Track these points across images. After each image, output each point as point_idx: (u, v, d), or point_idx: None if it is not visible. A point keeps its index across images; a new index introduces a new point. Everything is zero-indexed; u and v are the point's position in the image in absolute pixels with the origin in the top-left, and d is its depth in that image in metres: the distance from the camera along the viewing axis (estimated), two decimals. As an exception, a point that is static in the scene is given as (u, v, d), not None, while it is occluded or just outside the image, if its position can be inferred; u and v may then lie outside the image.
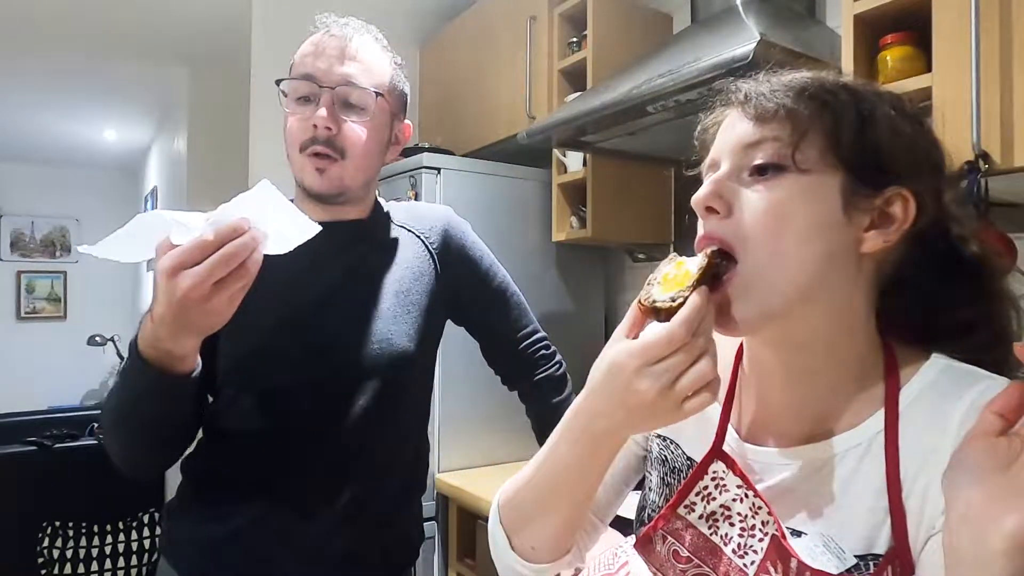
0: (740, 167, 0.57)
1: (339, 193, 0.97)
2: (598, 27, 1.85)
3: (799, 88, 0.57)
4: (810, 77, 0.59)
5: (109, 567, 3.21)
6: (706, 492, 0.63)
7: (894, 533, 0.53)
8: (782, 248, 0.54)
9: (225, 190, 0.93)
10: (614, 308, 2.24)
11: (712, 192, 0.57)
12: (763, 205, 0.55)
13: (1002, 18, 0.99)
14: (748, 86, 0.60)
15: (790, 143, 0.55)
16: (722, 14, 1.54)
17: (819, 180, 0.55)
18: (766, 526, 0.58)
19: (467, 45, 2.35)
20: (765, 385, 0.63)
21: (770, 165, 0.55)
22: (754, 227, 0.55)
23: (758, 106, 0.57)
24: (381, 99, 0.97)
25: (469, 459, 1.95)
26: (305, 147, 0.94)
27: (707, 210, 0.58)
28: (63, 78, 3.55)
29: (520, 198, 2.06)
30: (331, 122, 0.92)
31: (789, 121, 0.56)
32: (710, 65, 1.22)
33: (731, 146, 0.59)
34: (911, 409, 0.55)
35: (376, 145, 0.99)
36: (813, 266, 0.55)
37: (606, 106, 1.46)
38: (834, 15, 1.59)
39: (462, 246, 1.12)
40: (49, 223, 5.51)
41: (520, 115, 2.02)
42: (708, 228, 0.58)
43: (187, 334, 0.73)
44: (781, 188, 0.55)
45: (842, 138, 0.55)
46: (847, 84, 0.59)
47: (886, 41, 1.15)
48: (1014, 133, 0.98)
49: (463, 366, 1.93)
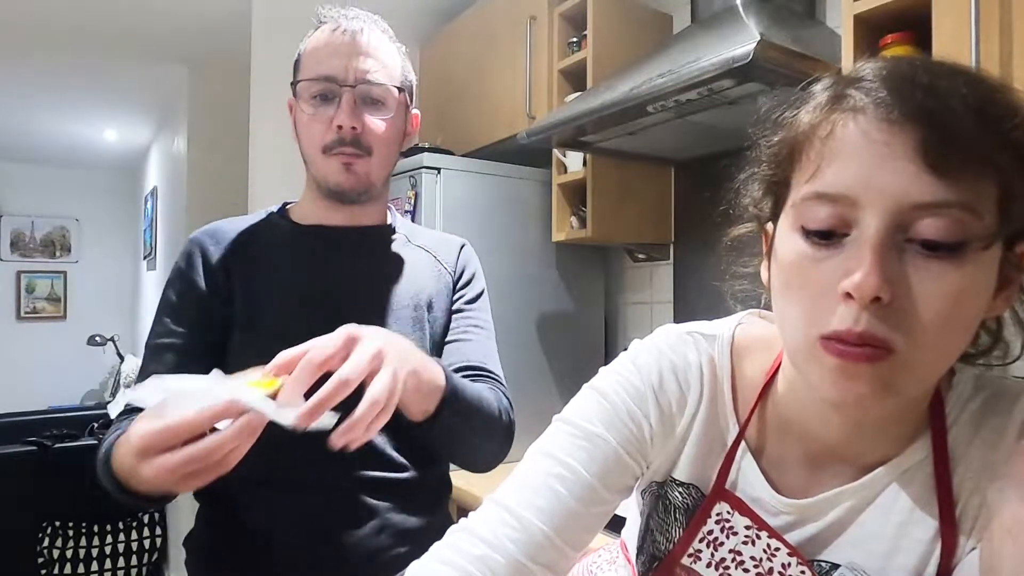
0: (897, 226, 0.43)
1: (365, 190, 0.96)
2: (598, 27, 1.85)
3: (999, 125, 0.42)
4: (1002, 102, 0.43)
5: (109, 567, 3.22)
6: (711, 538, 0.56)
7: (943, 556, 0.49)
8: (952, 344, 0.45)
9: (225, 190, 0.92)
10: (614, 308, 2.24)
11: (884, 280, 0.42)
12: (944, 294, 0.42)
13: (1002, 19, 0.99)
14: (918, 103, 0.42)
15: (984, 215, 0.42)
16: (722, 14, 1.54)
17: (993, 257, 0.44)
18: (787, 568, 0.53)
19: (467, 45, 2.35)
20: (813, 431, 0.55)
21: (951, 244, 0.42)
22: (931, 323, 0.42)
23: (944, 147, 0.41)
24: (401, 94, 0.97)
25: (469, 459, 1.94)
26: (330, 148, 0.92)
27: (872, 300, 0.42)
28: (63, 78, 3.55)
29: (520, 198, 2.06)
30: (356, 121, 0.91)
31: (994, 184, 0.42)
32: (710, 65, 1.22)
33: (891, 199, 0.42)
34: (956, 428, 0.51)
35: (396, 138, 0.98)
36: (962, 350, 0.47)
37: (606, 106, 1.46)
38: (834, 15, 1.59)
39: (471, 279, 1.09)
40: (49, 223, 5.50)
41: (520, 115, 2.02)
42: (867, 325, 0.43)
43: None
44: (964, 274, 0.42)
45: (1017, 203, 0.43)
46: (1012, 104, 0.44)
47: (886, 41, 1.15)
48: (1014, 133, 0.98)
49: (463, 366, 1.93)
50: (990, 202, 0.42)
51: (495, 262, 1.98)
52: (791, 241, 0.47)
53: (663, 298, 2.07)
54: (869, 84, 0.45)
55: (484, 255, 2.00)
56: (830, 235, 0.45)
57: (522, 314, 2.04)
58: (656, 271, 2.11)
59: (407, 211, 1.91)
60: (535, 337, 2.06)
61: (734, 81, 1.24)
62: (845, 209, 0.44)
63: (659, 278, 2.10)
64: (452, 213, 1.92)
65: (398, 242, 1.04)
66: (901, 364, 0.43)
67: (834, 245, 0.45)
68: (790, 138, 0.49)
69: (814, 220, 0.45)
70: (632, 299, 2.20)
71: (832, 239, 0.45)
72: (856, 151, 0.43)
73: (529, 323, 2.05)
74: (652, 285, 2.13)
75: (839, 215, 0.44)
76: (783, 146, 0.50)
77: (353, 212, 0.99)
